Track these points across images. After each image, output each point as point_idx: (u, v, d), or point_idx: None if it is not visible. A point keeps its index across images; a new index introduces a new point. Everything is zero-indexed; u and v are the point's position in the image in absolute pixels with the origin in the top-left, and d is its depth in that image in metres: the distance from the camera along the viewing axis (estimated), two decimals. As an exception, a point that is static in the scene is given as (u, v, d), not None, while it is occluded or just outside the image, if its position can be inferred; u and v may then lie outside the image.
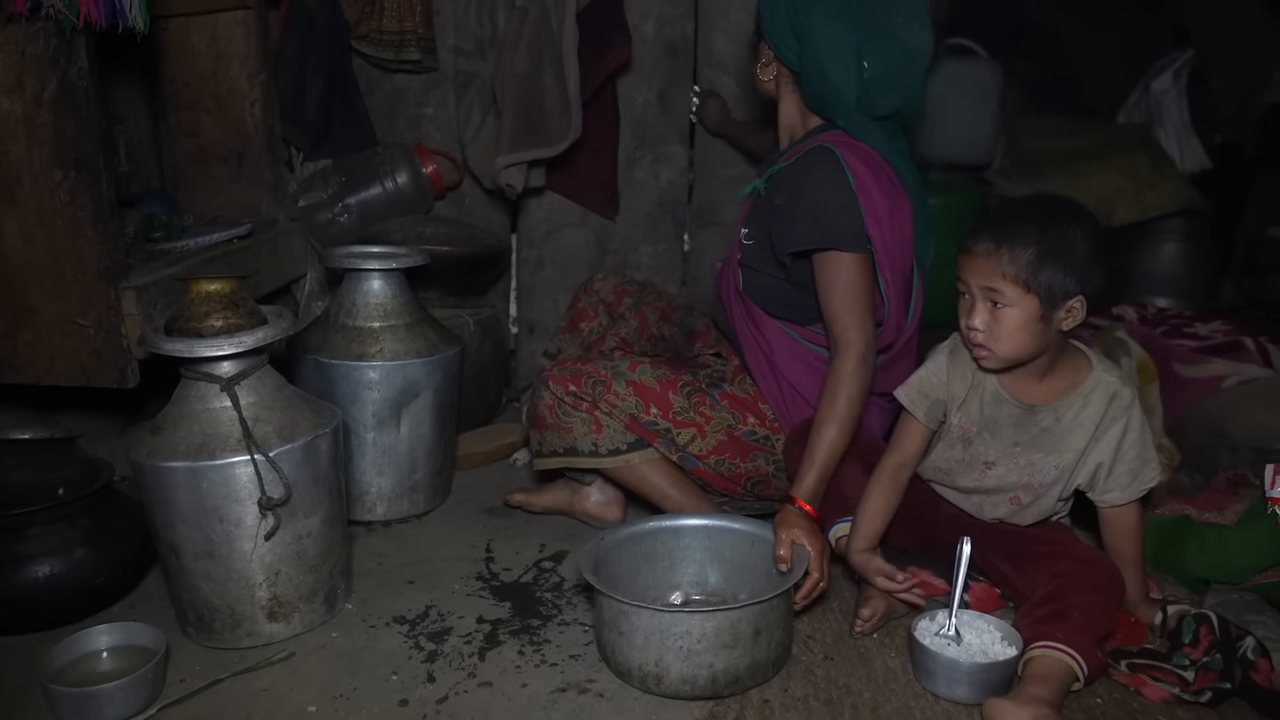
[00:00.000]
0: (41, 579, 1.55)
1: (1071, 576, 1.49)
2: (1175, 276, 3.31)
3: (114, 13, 1.57)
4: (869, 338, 1.67)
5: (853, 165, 1.67)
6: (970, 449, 1.62)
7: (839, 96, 1.70)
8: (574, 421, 1.82)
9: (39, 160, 1.65)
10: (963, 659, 1.42)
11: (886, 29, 1.68)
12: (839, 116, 1.73)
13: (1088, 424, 1.53)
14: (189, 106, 2.27)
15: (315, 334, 2.01)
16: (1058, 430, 1.55)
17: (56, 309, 1.72)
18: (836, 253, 1.66)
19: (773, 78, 1.84)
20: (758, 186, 1.80)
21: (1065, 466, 1.55)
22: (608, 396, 1.79)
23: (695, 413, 1.80)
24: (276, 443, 1.50)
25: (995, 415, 1.58)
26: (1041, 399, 1.56)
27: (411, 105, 2.63)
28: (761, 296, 1.82)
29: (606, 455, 1.82)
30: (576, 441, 1.83)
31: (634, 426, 1.80)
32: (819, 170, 1.69)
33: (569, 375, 1.82)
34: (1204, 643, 1.46)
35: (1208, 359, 2.27)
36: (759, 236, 1.79)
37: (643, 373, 1.81)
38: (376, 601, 1.70)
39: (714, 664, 1.39)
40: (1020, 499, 1.60)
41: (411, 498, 2.05)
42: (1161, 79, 3.53)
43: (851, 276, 1.66)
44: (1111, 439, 1.53)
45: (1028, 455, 1.57)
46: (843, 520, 1.67)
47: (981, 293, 1.48)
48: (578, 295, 2.21)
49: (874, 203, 1.67)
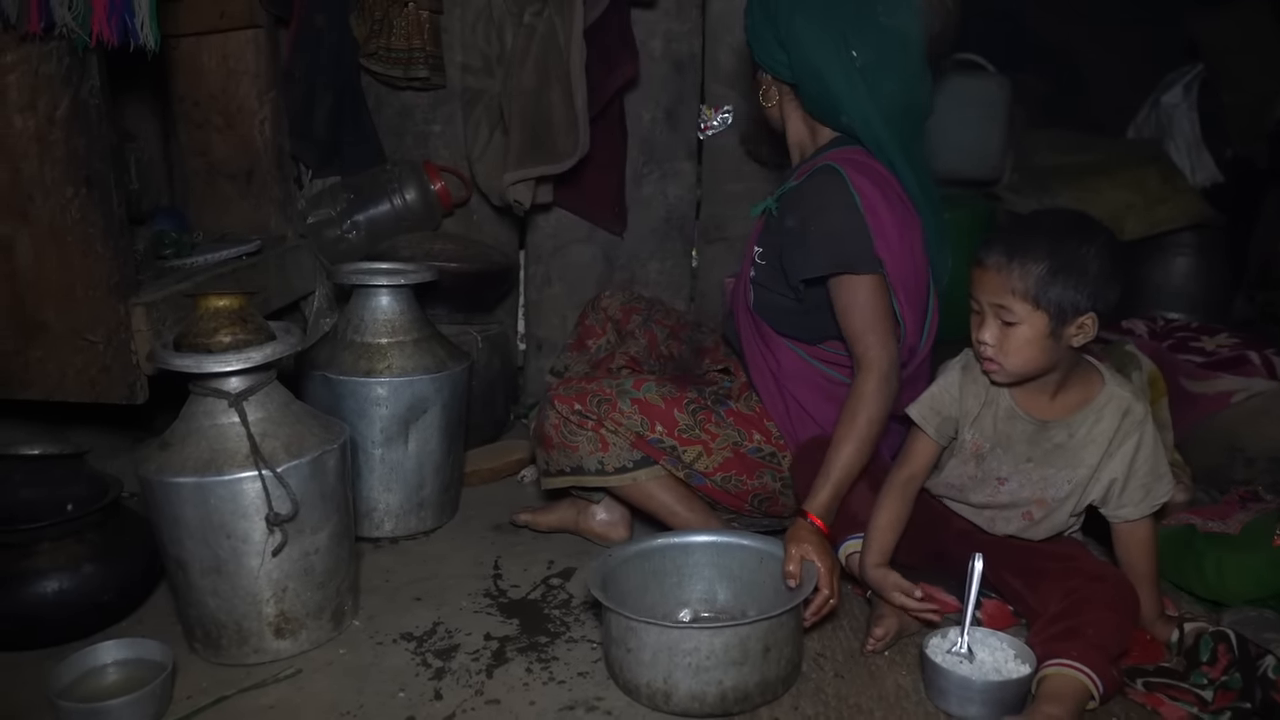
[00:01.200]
0: (50, 595, 1.55)
1: (1085, 594, 1.47)
2: (1187, 291, 3.30)
3: (126, 31, 1.59)
4: (892, 357, 1.66)
5: (859, 185, 1.67)
6: (983, 465, 1.61)
7: (838, 94, 1.69)
8: (580, 440, 1.81)
9: (51, 178, 1.66)
10: (976, 677, 1.41)
11: (869, 16, 1.68)
12: (844, 115, 1.71)
13: (1101, 439, 1.53)
14: (199, 124, 2.29)
15: (323, 350, 2.02)
16: (1071, 446, 1.54)
17: (67, 325, 1.73)
18: (851, 276, 1.66)
19: (775, 102, 1.84)
20: (770, 205, 1.80)
21: (1079, 482, 1.55)
22: (613, 415, 1.79)
23: (701, 430, 1.79)
24: (284, 458, 1.50)
25: (1008, 431, 1.57)
26: (1054, 415, 1.55)
27: (419, 122, 2.64)
28: (771, 315, 1.82)
29: (614, 473, 1.81)
30: (583, 460, 1.82)
31: (640, 444, 1.80)
32: (826, 192, 1.68)
33: (574, 394, 1.82)
34: (1222, 661, 1.44)
35: (1215, 375, 2.26)
36: (771, 256, 1.79)
37: (647, 390, 1.80)
38: (384, 618, 1.69)
39: (723, 681, 1.37)
40: (1033, 514, 1.59)
41: (419, 514, 2.04)
42: (1171, 93, 3.53)
43: (869, 297, 1.66)
44: (1125, 454, 1.52)
45: (1041, 471, 1.56)
46: (853, 537, 1.66)
47: (991, 309, 1.48)
48: (585, 312, 2.21)
49: (882, 223, 1.67)
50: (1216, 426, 2.16)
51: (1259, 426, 2.12)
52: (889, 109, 1.71)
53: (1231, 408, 2.17)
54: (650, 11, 2.58)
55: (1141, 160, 3.31)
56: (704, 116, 2.69)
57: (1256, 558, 1.62)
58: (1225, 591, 1.65)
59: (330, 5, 2.42)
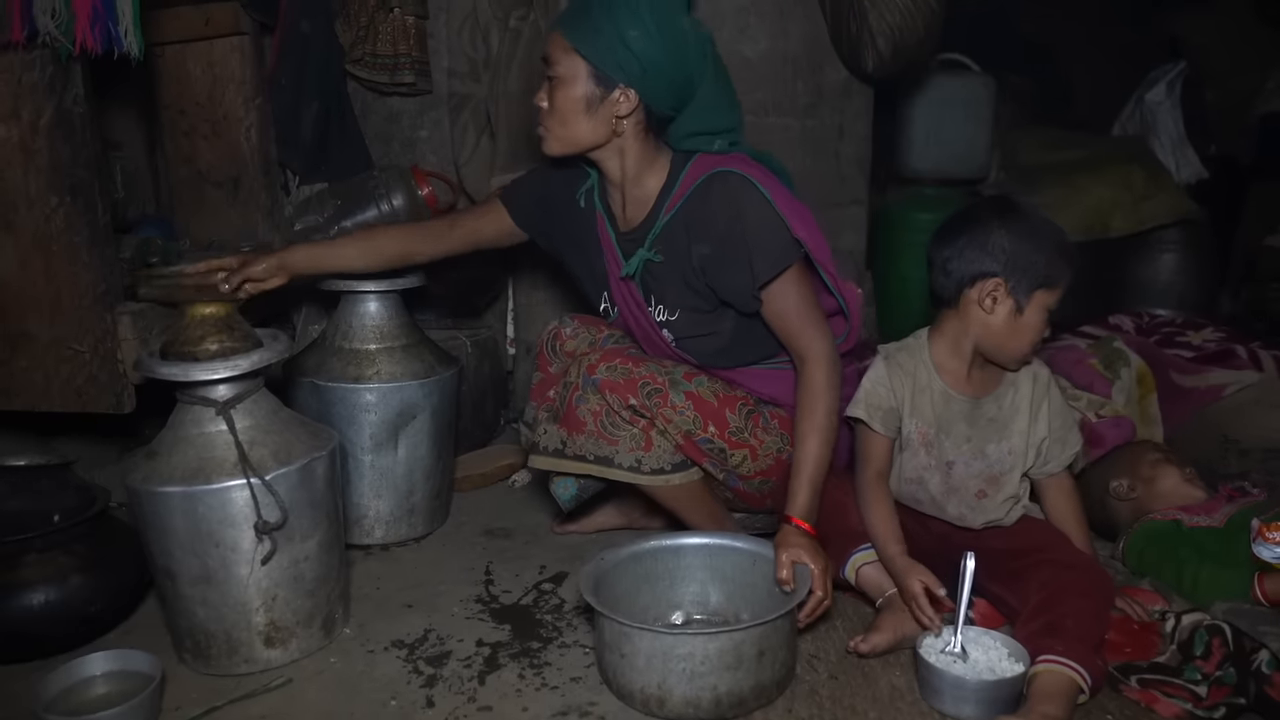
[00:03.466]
0: (37, 606, 1.53)
1: (1059, 584, 1.50)
2: (1173, 287, 3.32)
3: (110, 39, 1.58)
4: (832, 342, 1.67)
5: (755, 175, 1.64)
6: (933, 452, 1.67)
7: (694, 75, 1.62)
8: (622, 435, 1.68)
9: (35, 187, 1.65)
10: (969, 676, 1.41)
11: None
12: (696, 97, 1.63)
13: (1024, 406, 1.66)
14: (185, 132, 2.28)
15: (311, 357, 2.01)
16: (1001, 418, 1.66)
17: (52, 335, 1.72)
18: (782, 275, 1.64)
19: (625, 116, 1.63)
20: (649, 258, 1.71)
21: (1017, 450, 1.65)
22: (664, 410, 1.66)
23: (750, 434, 1.73)
24: (273, 466, 1.49)
25: (946, 414, 1.66)
26: (982, 390, 1.66)
27: (406, 128, 2.64)
28: (715, 358, 1.76)
29: (648, 474, 1.70)
30: (617, 455, 1.69)
31: (687, 446, 1.71)
32: (736, 199, 1.63)
33: (622, 378, 1.65)
34: (1216, 656, 1.45)
35: (1206, 369, 2.28)
36: (681, 302, 1.72)
37: (699, 385, 1.71)
38: (375, 626, 1.69)
39: (718, 686, 1.37)
40: (985, 491, 1.66)
41: (410, 520, 2.03)
42: (1155, 90, 3.55)
43: (798, 288, 1.66)
44: (1044, 416, 1.66)
45: (980, 447, 1.65)
46: (859, 550, 1.64)
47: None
48: (541, 353, 1.95)
49: (785, 203, 1.65)
50: (1209, 419, 2.19)
51: (1252, 417, 2.15)
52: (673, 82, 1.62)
53: (1224, 400, 2.20)
54: (636, 15, 2.58)
55: (1126, 157, 3.33)
56: None
57: (1229, 574, 1.63)
58: (1198, 601, 1.65)
59: (315, 11, 2.41)
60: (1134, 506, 1.90)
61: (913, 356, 1.68)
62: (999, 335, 1.59)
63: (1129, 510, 1.91)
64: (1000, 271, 1.55)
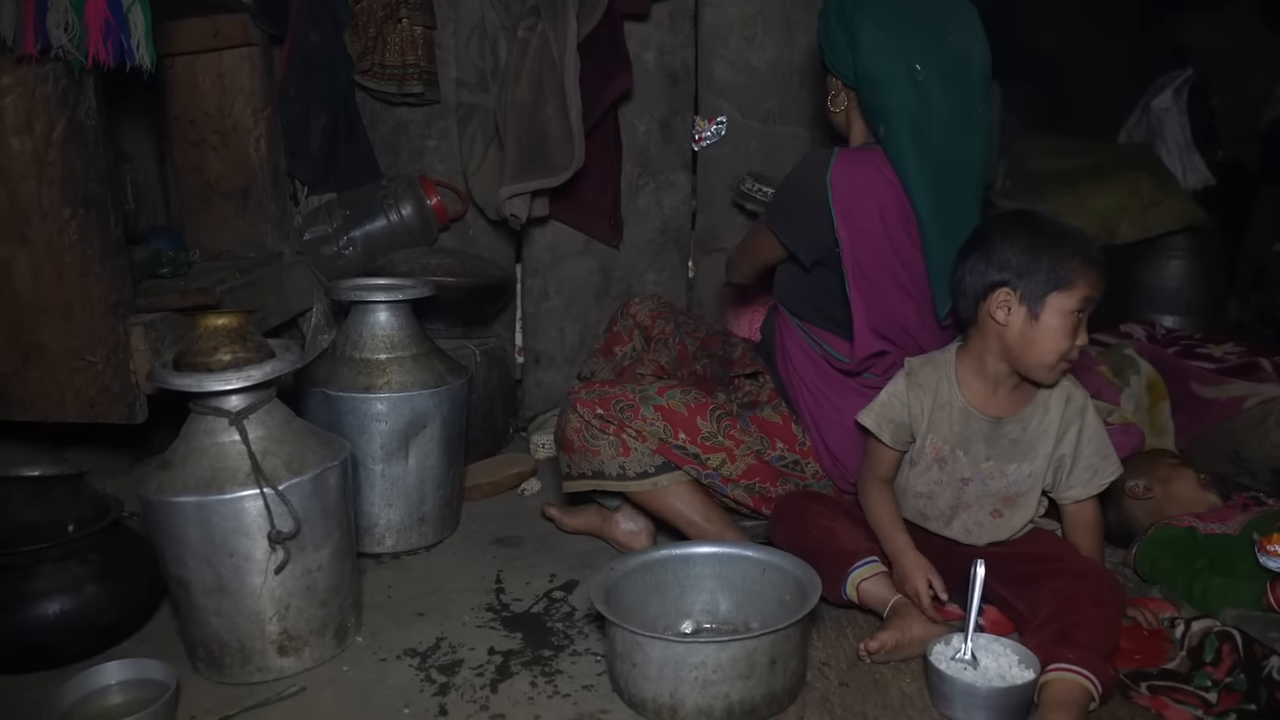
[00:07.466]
0: (52, 616, 1.54)
1: (1070, 594, 1.49)
2: (1181, 294, 3.31)
3: (122, 52, 1.59)
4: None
5: (840, 167, 1.71)
6: (945, 468, 1.66)
7: (890, 100, 1.70)
8: (601, 444, 1.81)
9: (48, 199, 1.66)
10: (980, 683, 1.41)
11: (936, 34, 1.70)
12: (888, 121, 1.70)
13: (1051, 429, 1.62)
14: (194, 143, 2.30)
15: (322, 367, 2.01)
16: (1025, 440, 1.63)
17: (65, 346, 1.73)
18: (765, 227, 1.84)
19: (843, 108, 1.86)
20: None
21: (1037, 473, 1.63)
22: (635, 421, 1.79)
23: (725, 437, 1.80)
24: (285, 476, 1.50)
25: (965, 432, 1.64)
26: (1006, 411, 1.63)
27: (415, 138, 2.65)
28: (783, 290, 1.92)
29: (635, 478, 1.82)
30: (604, 464, 1.82)
31: (663, 449, 1.81)
32: (804, 164, 1.81)
33: (596, 398, 1.82)
34: (1226, 662, 1.44)
35: (1228, 380, 2.25)
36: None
37: (671, 398, 1.81)
38: (387, 634, 1.69)
39: (730, 695, 1.37)
40: (1001, 511, 1.65)
41: (420, 529, 2.04)
42: (1162, 97, 3.55)
43: (757, 241, 1.89)
44: (1070, 439, 1.62)
45: (1001, 467, 1.63)
46: (856, 568, 1.63)
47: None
48: (614, 319, 2.24)
49: (848, 207, 1.70)
50: (1223, 434, 2.16)
51: (1265, 434, 2.11)
52: (937, 137, 1.69)
53: (1243, 413, 2.18)
54: (643, 24, 2.59)
55: (1133, 164, 3.33)
56: (698, 128, 2.71)
57: (1241, 586, 1.62)
58: (1209, 611, 1.65)
59: (324, 23, 2.43)
60: (1150, 507, 1.90)
61: (937, 371, 1.67)
62: (1017, 345, 1.56)
63: (1145, 511, 1.90)
64: (1009, 280, 1.55)
